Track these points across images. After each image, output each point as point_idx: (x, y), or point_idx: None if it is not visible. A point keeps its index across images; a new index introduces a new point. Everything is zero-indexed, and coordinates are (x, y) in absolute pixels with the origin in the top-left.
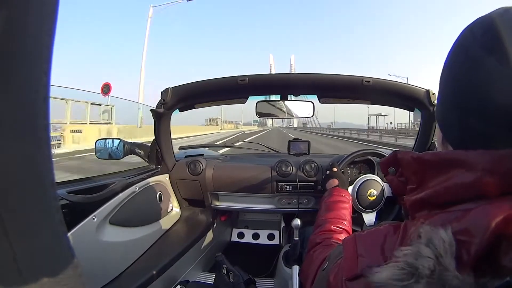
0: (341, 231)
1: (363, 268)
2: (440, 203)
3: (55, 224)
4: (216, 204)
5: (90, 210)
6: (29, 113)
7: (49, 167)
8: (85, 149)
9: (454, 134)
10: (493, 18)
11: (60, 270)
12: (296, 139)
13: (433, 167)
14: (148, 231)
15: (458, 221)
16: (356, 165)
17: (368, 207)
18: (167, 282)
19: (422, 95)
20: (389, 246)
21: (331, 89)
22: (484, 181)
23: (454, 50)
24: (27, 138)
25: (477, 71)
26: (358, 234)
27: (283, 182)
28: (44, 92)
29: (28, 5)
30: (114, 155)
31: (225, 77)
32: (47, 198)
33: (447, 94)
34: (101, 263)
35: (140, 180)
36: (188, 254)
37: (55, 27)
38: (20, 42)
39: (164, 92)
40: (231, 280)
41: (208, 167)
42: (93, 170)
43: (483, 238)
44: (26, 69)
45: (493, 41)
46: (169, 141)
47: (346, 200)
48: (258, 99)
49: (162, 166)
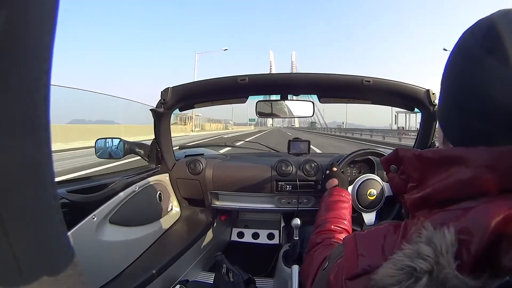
0: (341, 231)
1: (363, 268)
2: (440, 201)
3: (55, 224)
4: (216, 203)
5: (90, 209)
6: (29, 113)
7: (49, 166)
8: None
9: (455, 133)
10: (493, 19)
11: (60, 270)
12: (296, 139)
13: (434, 165)
14: (148, 230)
15: (458, 220)
16: (356, 165)
17: (368, 207)
18: (167, 282)
19: (422, 95)
20: (389, 245)
21: (331, 89)
22: (484, 177)
23: (456, 51)
24: (27, 138)
25: (478, 72)
26: (358, 234)
27: (283, 181)
28: (44, 92)
29: (28, 5)
30: (114, 154)
31: (225, 76)
32: (47, 197)
33: (448, 94)
34: (101, 262)
35: (140, 179)
36: (188, 253)
37: (55, 27)
38: (20, 42)
39: (164, 92)
40: (231, 279)
41: (208, 166)
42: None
43: (483, 237)
44: (26, 69)
45: (494, 42)
46: (169, 141)
47: (346, 199)
48: (258, 99)
49: (162, 165)
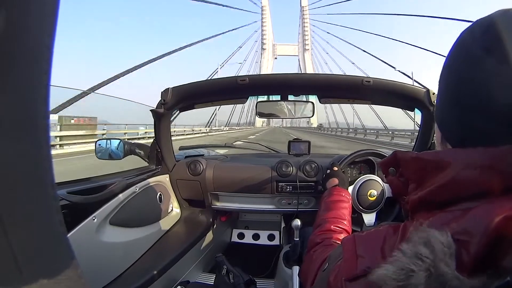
0: (341, 231)
1: (363, 269)
2: (438, 202)
3: (55, 225)
4: (216, 204)
5: (90, 210)
6: (29, 113)
7: (49, 167)
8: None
9: (454, 133)
10: (493, 19)
11: (60, 271)
12: (296, 139)
13: (432, 166)
14: (148, 231)
15: (457, 221)
16: (356, 165)
17: (368, 208)
18: (168, 283)
19: (422, 95)
20: (388, 246)
21: (331, 89)
22: (484, 178)
23: (454, 50)
24: (27, 138)
25: (477, 70)
26: (357, 235)
27: (283, 182)
28: (44, 92)
29: (28, 5)
30: (115, 155)
31: (225, 77)
32: (47, 198)
33: (447, 93)
34: (101, 263)
35: (140, 180)
36: (188, 254)
37: (55, 27)
38: (20, 42)
39: (164, 92)
40: (231, 280)
41: (208, 167)
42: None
43: (483, 238)
44: (26, 69)
45: (493, 41)
46: (169, 142)
47: (346, 199)
48: (255, 98)
49: (162, 166)
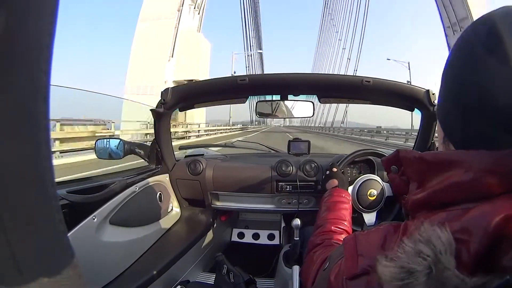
0: (342, 232)
1: (364, 268)
2: (439, 203)
3: (55, 224)
4: (216, 204)
5: (90, 210)
6: (29, 113)
7: (49, 167)
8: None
9: (456, 133)
10: (495, 18)
11: (60, 270)
12: (296, 139)
13: (434, 167)
14: (148, 231)
15: (457, 219)
16: (356, 165)
17: (368, 207)
18: (168, 282)
19: (422, 95)
20: (389, 245)
21: (331, 89)
22: (484, 181)
23: (457, 49)
24: (27, 138)
25: (478, 70)
26: (358, 234)
27: (283, 182)
28: (44, 92)
29: (28, 5)
30: (115, 154)
31: (225, 77)
32: (47, 198)
33: (449, 93)
34: (101, 263)
35: (140, 180)
36: (188, 254)
37: (55, 27)
38: (20, 42)
39: (164, 92)
40: (232, 280)
41: (208, 167)
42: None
43: (483, 237)
44: (26, 69)
45: (495, 41)
46: (169, 141)
47: (346, 200)
48: (256, 99)
49: (162, 166)
